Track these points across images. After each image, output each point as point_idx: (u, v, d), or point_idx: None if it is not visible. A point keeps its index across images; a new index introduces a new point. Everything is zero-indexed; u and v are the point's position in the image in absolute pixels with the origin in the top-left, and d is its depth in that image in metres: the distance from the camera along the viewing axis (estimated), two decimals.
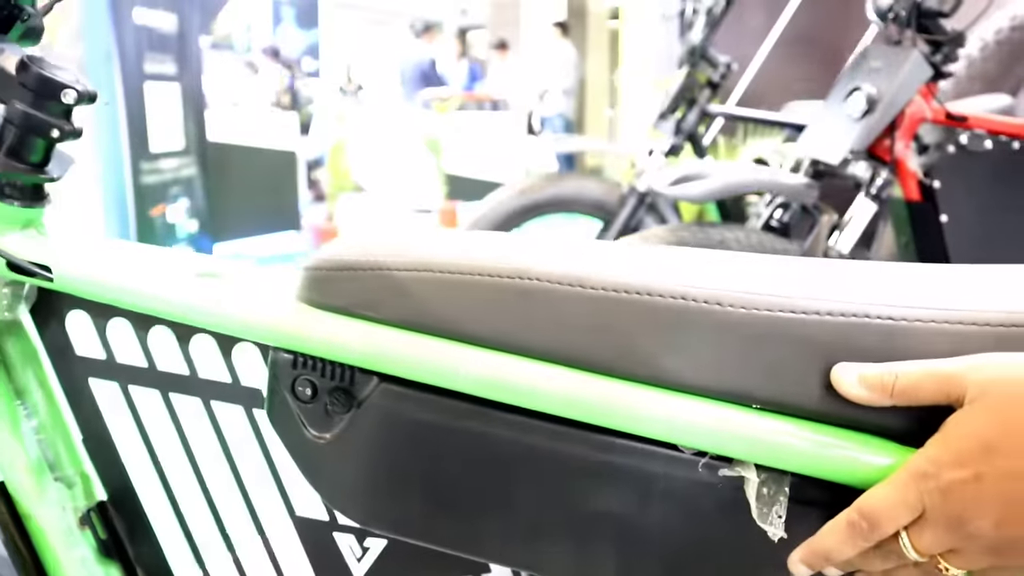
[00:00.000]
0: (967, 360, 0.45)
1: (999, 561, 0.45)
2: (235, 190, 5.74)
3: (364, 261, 0.57)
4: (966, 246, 1.62)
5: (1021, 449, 0.43)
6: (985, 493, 0.43)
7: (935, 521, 0.45)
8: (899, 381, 0.46)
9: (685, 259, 0.57)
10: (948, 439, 0.45)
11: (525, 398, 0.53)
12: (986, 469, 0.43)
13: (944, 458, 0.44)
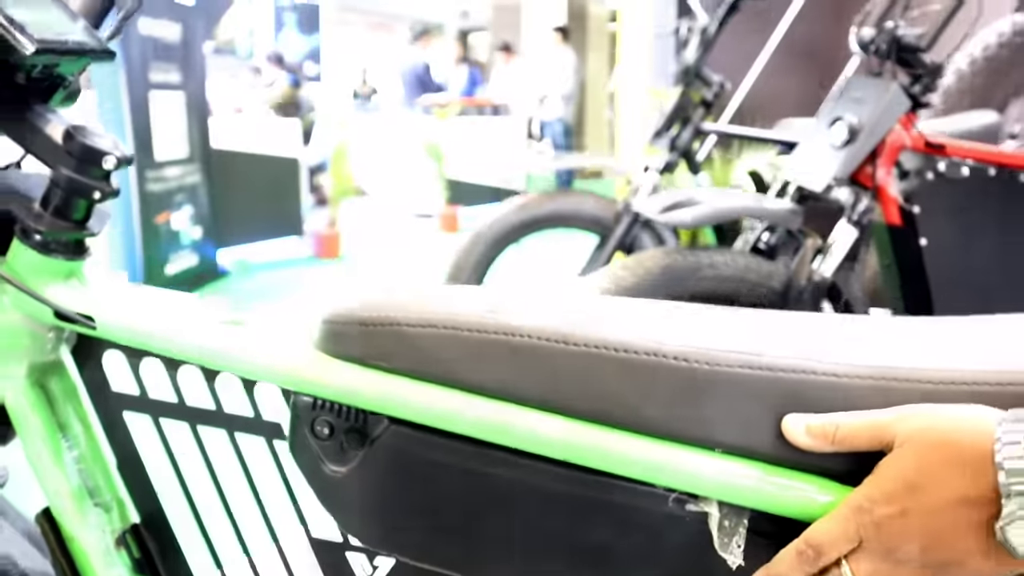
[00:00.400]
0: (896, 411, 0.53)
1: None
2: (238, 196, 5.80)
3: (377, 317, 0.64)
4: (944, 268, 1.69)
5: (938, 488, 0.50)
6: (911, 526, 0.50)
7: (871, 551, 0.52)
8: (839, 431, 0.54)
9: (659, 314, 0.64)
10: (880, 480, 0.52)
11: (518, 441, 0.61)
12: (911, 505, 0.50)
13: (876, 496, 0.52)
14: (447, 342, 0.62)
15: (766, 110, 3.35)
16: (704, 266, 1.55)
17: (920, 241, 1.67)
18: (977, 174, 1.69)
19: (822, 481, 0.56)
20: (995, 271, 1.73)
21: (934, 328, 0.63)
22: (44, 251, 0.73)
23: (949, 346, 0.60)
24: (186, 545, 0.83)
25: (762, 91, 3.42)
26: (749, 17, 2.62)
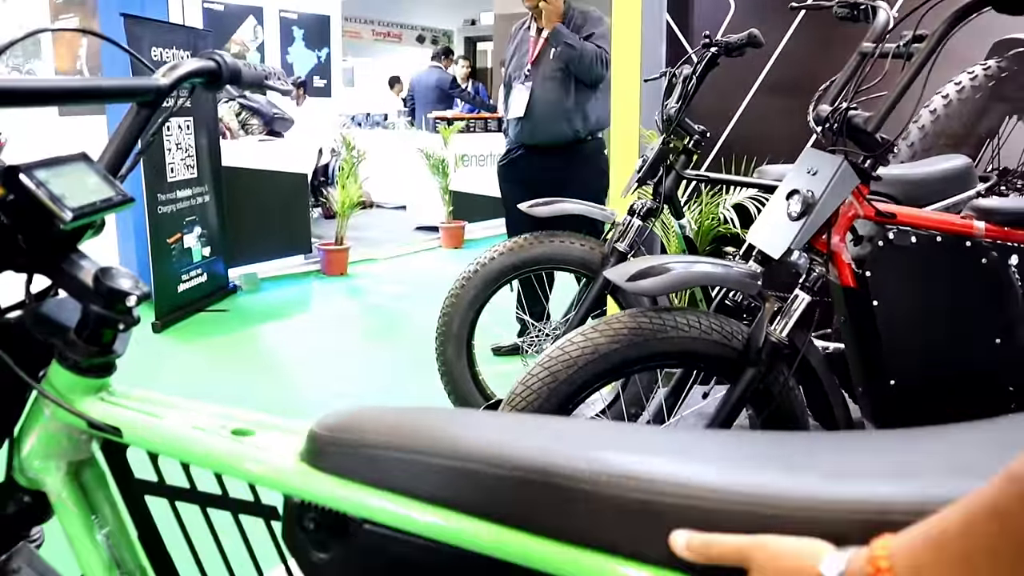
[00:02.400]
0: (754, 539, 0.66)
1: None
2: (247, 214, 5.94)
3: (351, 440, 0.79)
4: (894, 326, 1.83)
5: None
6: None
7: None
8: (711, 549, 0.67)
9: (580, 437, 0.78)
10: None
11: (461, 542, 0.75)
12: None
13: None
14: (406, 463, 0.77)
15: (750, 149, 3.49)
16: (669, 327, 1.69)
17: (872, 302, 1.81)
18: (925, 241, 1.82)
19: None
20: (941, 328, 1.87)
21: (828, 445, 0.77)
22: (78, 372, 0.89)
23: (830, 467, 0.73)
24: None
25: (746, 131, 3.56)
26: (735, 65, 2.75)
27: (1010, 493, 0.52)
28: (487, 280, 2.67)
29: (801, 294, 1.74)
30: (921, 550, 0.56)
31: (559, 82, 3.76)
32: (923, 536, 0.57)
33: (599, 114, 3.80)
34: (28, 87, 0.84)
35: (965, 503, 0.55)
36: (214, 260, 5.46)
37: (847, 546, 0.62)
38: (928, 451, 0.76)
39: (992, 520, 0.53)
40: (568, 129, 3.78)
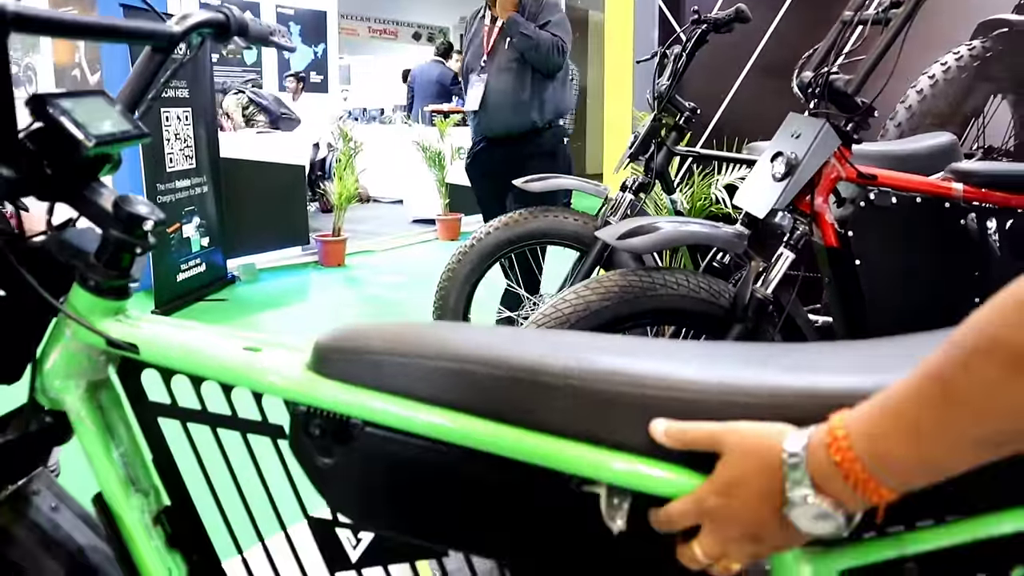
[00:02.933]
0: (728, 425, 0.70)
1: (754, 551, 0.69)
2: (246, 205, 5.98)
3: (354, 347, 0.85)
4: (876, 285, 1.88)
5: (748, 485, 0.67)
6: (732, 512, 0.68)
7: (708, 530, 0.70)
8: (687, 435, 0.73)
9: (569, 343, 0.84)
10: (712, 476, 0.70)
11: (460, 439, 0.81)
12: (731, 498, 0.68)
13: (709, 491, 0.70)
14: (407, 367, 0.83)
15: (741, 130, 3.55)
16: (659, 285, 1.75)
17: (855, 261, 1.87)
18: (905, 201, 1.88)
19: (684, 470, 0.75)
20: (922, 287, 1.93)
21: (790, 352, 0.83)
22: (98, 294, 0.94)
23: (792, 367, 0.79)
24: (208, 523, 1.04)
25: (738, 112, 3.62)
26: (726, 45, 2.81)
27: (951, 357, 0.58)
28: (483, 255, 2.73)
29: (786, 252, 1.80)
30: (873, 418, 0.62)
31: (514, 73, 3.63)
32: (874, 406, 0.63)
33: (558, 102, 3.71)
34: (54, 17, 0.90)
35: (911, 374, 0.61)
36: (213, 250, 5.51)
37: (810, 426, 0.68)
38: (887, 353, 0.82)
39: (935, 384, 0.59)
40: (524, 119, 3.64)
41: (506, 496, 0.82)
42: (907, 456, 0.60)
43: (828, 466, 0.62)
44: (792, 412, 0.71)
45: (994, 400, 0.55)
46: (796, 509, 0.64)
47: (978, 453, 0.59)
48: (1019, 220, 1.97)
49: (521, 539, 0.83)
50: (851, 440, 0.62)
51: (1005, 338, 0.54)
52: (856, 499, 0.63)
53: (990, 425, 0.56)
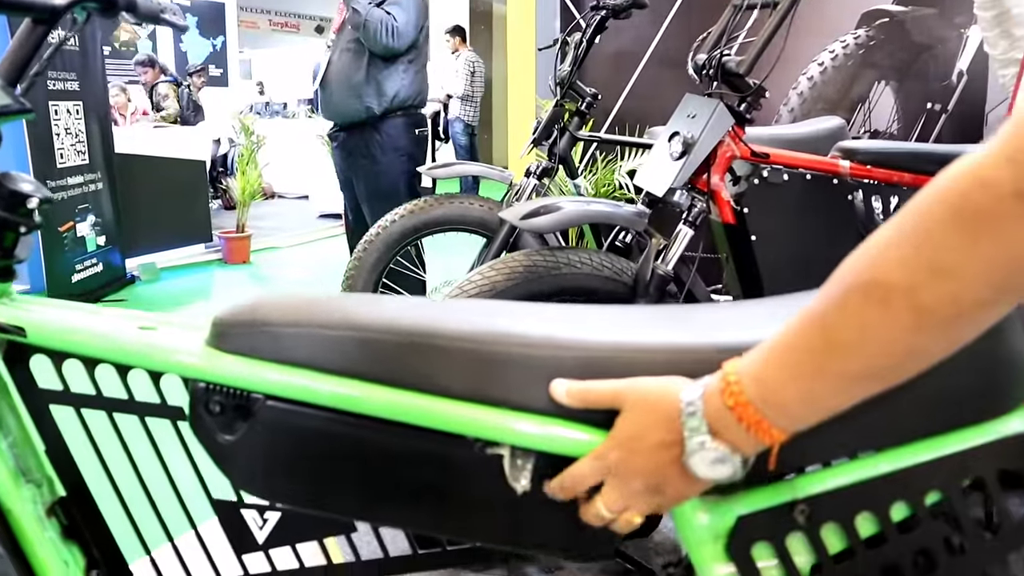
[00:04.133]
0: (627, 381, 0.72)
1: (656, 501, 0.72)
2: (144, 202, 5.79)
3: (252, 320, 0.84)
4: (771, 259, 1.96)
5: (649, 437, 0.69)
6: (633, 465, 0.70)
7: (611, 485, 0.72)
8: (588, 394, 0.74)
9: (466, 309, 0.85)
10: (613, 432, 0.72)
11: (361, 408, 0.80)
12: (632, 451, 0.70)
13: (610, 446, 0.71)
14: (305, 337, 0.82)
15: (642, 119, 3.62)
16: (563, 264, 1.77)
17: (750, 238, 1.94)
18: (795, 178, 1.96)
19: (585, 428, 0.77)
20: (814, 260, 2.01)
21: (682, 312, 0.86)
22: None
23: (685, 325, 0.82)
24: (106, 513, 1.01)
25: (639, 100, 3.69)
26: (627, 35, 2.87)
27: (829, 298, 0.61)
28: (388, 243, 2.71)
29: (684, 229, 1.85)
30: (762, 362, 0.65)
31: (353, 53, 3.37)
32: (762, 351, 0.66)
33: (401, 89, 3.38)
34: None
35: (795, 318, 0.64)
36: (109, 249, 5.32)
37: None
38: (770, 313, 0.85)
39: (815, 325, 0.62)
40: (359, 105, 3.36)
41: (411, 463, 0.82)
42: (794, 396, 0.63)
43: (723, 411, 0.65)
44: (688, 366, 0.74)
45: (869, 337, 0.58)
46: (695, 456, 0.66)
47: (859, 389, 0.62)
48: (903, 197, 2.07)
49: (428, 506, 0.83)
50: (743, 385, 0.65)
51: (877, 277, 0.57)
52: (750, 441, 0.65)
53: (868, 361, 0.60)
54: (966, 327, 0.58)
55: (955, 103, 3.46)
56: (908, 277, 0.56)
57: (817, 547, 0.74)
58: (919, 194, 0.57)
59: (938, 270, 0.55)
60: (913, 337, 0.57)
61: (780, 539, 0.74)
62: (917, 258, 0.55)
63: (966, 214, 0.53)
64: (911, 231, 0.56)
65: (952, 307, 0.55)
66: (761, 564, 0.75)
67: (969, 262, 0.54)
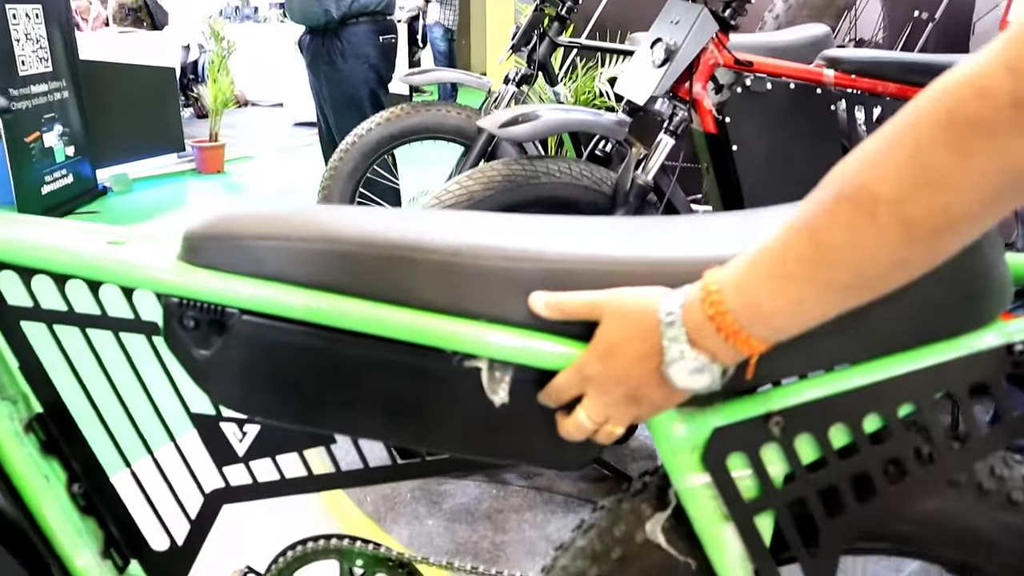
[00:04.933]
0: (605, 293, 0.72)
1: (636, 412, 0.72)
2: (113, 111, 5.66)
3: (225, 233, 0.82)
4: (752, 168, 1.94)
5: (628, 348, 0.69)
6: (612, 376, 0.70)
7: (591, 396, 0.72)
8: (566, 305, 0.74)
9: (443, 221, 0.83)
10: (593, 344, 0.71)
11: (337, 322, 0.79)
12: (611, 362, 0.70)
13: (589, 357, 0.71)
14: (280, 251, 0.80)
15: (624, 26, 3.53)
16: (541, 173, 1.75)
17: (731, 147, 1.92)
18: (778, 87, 1.93)
19: (563, 340, 0.77)
20: (795, 171, 2.00)
21: (662, 223, 0.85)
22: None
23: (666, 236, 0.81)
24: (84, 428, 1.00)
25: (620, 5, 3.59)
26: None
27: (818, 205, 0.60)
28: (364, 152, 2.66)
29: (665, 138, 1.83)
30: (744, 271, 0.64)
31: None
32: (745, 258, 0.65)
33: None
34: None
35: (780, 227, 0.63)
36: (79, 160, 5.21)
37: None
38: (751, 224, 0.84)
39: (802, 232, 0.61)
40: (318, 8, 3.28)
41: (389, 377, 0.82)
42: (776, 305, 0.62)
43: (702, 321, 0.64)
44: (668, 277, 0.73)
45: (857, 246, 0.58)
46: (673, 365, 0.66)
47: (843, 299, 0.62)
48: (886, 107, 2.05)
49: (407, 418, 0.84)
50: (723, 294, 0.64)
51: (867, 186, 0.56)
52: (729, 351, 0.65)
53: (854, 270, 0.59)
54: (953, 240, 0.57)
55: (942, 12, 3.40)
56: (898, 188, 0.55)
57: (791, 457, 0.75)
58: (912, 102, 0.55)
59: (929, 182, 0.54)
60: (901, 249, 0.57)
61: (755, 450, 0.75)
62: (908, 169, 0.54)
63: (960, 124, 0.52)
64: (902, 141, 0.55)
65: (941, 219, 0.55)
66: (735, 474, 0.76)
67: (961, 174, 0.53)
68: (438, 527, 1.89)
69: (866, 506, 0.77)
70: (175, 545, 1.05)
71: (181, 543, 1.05)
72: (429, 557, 1.16)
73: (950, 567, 0.86)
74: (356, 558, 1.17)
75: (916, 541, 0.83)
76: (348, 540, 1.17)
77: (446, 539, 1.84)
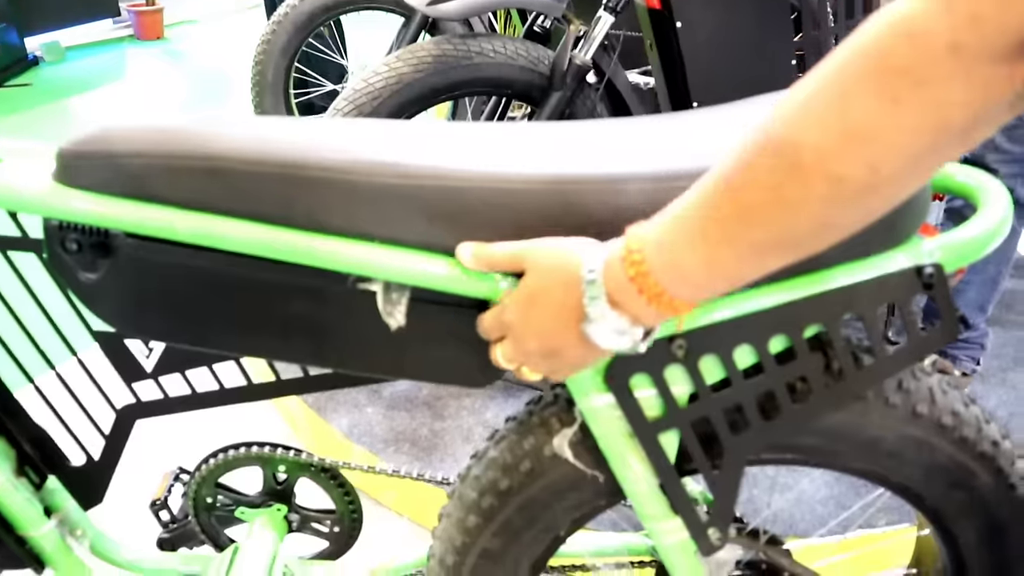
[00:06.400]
0: (530, 243, 0.68)
1: (551, 365, 0.69)
2: None
3: (97, 151, 0.76)
4: (697, 48, 1.86)
5: (548, 299, 0.66)
6: (530, 326, 0.68)
7: (508, 343, 0.70)
8: (493, 256, 0.70)
9: (338, 134, 0.78)
10: (515, 292, 0.69)
11: (225, 244, 0.75)
12: (530, 312, 0.67)
13: (512, 303, 0.69)
14: (160, 170, 0.75)
15: None
16: (474, 53, 1.66)
17: (675, 23, 1.82)
18: None
19: (456, 261, 0.72)
20: (743, 54, 1.92)
21: (580, 131, 0.80)
22: None
23: (578, 149, 0.76)
24: None
25: None
26: None
27: (738, 159, 0.54)
28: (297, 25, 2.52)
29: (605, 15, 1.73)
30: (665, 227, 0.59)
31: None
32: (667, 214, 0.60)
33: None
34: None
35: (701, 181, 0.58)
36: (4, 28, 4.91)
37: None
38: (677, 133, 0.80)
39: (720, 186, 0.56)
40: None
41: (284, 298, 0.79)
42: (696, 264, 0.58)
43: (623, 281, 0.61)
44: (570, 195, 0.70)
45: (780, 202, 0.53)
46: (593, 325, 0.64)
47: (770, 259, 0.57)
48: None
49: (305, 339, 0.81)
50: (644, 253, 0.60)
51: (790, 136, 0.51)
52: (651, 313, 0.61)
53: (778, 229, 0.54)
54: (881, 201, 0.52)
55: None
56: (821, 139, 0.50)
57: (695, 378, 0.74)
58: (842, 45, 0.49)
59: (854, 134, 0.49)
60: (826, 207, 0.52)
61: (658, 370, 0.74)
62: (832, 119, 0.49)
63: (888, 71, 0.47)
64: (828, 87, 0.50)
65: (868, 176, 0.50)
66: (639, 393, 0.75)
67: (889, 127, 0.48)
68: (377, 415, 1.91)
69: (771, 423, 0.77)
70: (91, 460, 1.05)
71: (97, 458, 1.04)
72: (350, 463, 1.17)
73: (854, 475, 0.88)
74: (278, 464, 1.18)
75: (821, 453, 0.84)
76: (270, 448, 1.17)
77: (385, 427, 1.86)
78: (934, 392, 0.83)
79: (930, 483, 0.86)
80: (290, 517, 1.21)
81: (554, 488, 0.86)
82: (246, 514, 1.21)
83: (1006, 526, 0.89)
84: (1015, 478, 0.88)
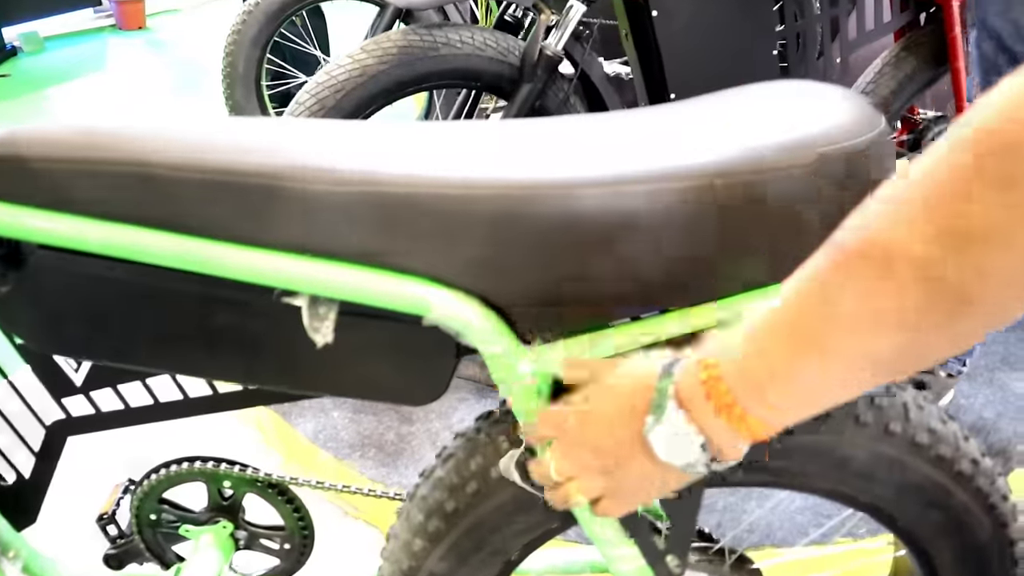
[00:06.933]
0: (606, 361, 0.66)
1: (607, 485, 0.62)
2: None
3: (7, 155, 0.69)
4: (673, 37, 1.80)
5: (612, 396, 0.62)
6: (587, 426, 0.62)
7: (558, 447, 0.64)
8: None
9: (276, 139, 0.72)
10: (575, 396, 0.65)
11: (148, 258, 0.69)
12: (590, 410, 0.63)
13: (572, 404, 0.64)
14: (71, 176, 0.69)
15: None
16: (441, 44, 1.60)
17: (651, 12, 1.76)
18: None
19: (393, 274, 0.68)
20: (721, 45, 1.86)
21: (537, 129, 0.75)
22: None
23: (532, 153, 0.71)
24: None
25: None
26: None
27: (831, 260, 0.48)
28: (268, 14, 2.45)
29: (575, 3, 1.67)
30: (743, 334, 0.54)
31: None
32: (748, 321, 0.54)
33: None
34: None
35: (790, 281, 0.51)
36: None
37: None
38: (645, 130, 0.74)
39: (813, 292, 0.49)
40: None
41: (206, 313, 0.73)
42: (770, 373, 0.52)
43: (695, 383, 0.55)
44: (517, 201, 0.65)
45: (870, 309, 0.47)
46: (656, 428, 0.58)
47: (852, 375, 0.50)
48: None
49: (232, 356, 0.76)
50: (720, 358, 0.54)
51: (884, 237, 0.45)
52: (718, 427, 0.55)
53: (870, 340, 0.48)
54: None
55: None
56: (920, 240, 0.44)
57: None
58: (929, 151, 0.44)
59: (957, 231, 0.43)
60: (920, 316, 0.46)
61: None
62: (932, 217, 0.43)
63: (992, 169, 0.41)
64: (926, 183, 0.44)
65: (976, 282, 0.43)
66: None
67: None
68: (343, 419, 1.85)
69: None
70: (21, 478, 0.99)
71: (28, 476, 0.99)
72: (298, 478, 1.11)
73: (820, 495, 0.83)
74: (223, 480, 1.12)
75: (789, 475, 0.79)
76: (214, 462, 1.12)
77: (351, 432, 1.80)
78: (908, 408, 0.78)
79: (903, 503, 0.81)
80: (237, 534, 1.16)
81: (502, 511, 0.81)
82: (191, 532, 1.15)
83: (984, 546, 0.84)
84: (995, 497, 0.83)
